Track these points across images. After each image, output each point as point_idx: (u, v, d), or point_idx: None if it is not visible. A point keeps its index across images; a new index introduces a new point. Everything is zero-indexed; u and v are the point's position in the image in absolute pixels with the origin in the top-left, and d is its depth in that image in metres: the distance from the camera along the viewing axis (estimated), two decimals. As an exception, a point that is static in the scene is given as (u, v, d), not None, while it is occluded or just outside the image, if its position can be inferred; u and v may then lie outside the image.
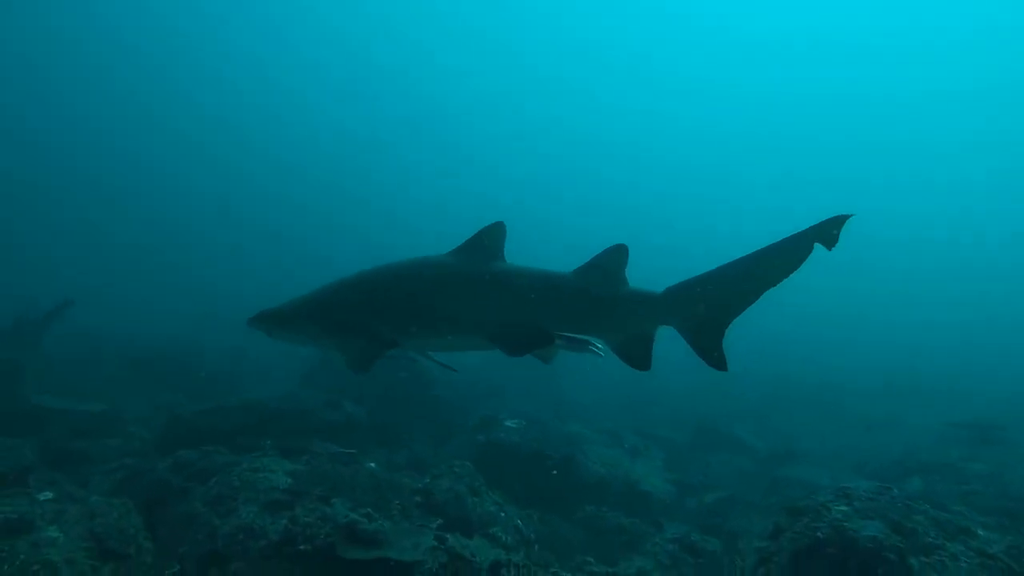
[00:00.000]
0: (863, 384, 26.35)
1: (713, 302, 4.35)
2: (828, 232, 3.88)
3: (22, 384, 12.05)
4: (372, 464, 9.22)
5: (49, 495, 6.14)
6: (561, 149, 75.66)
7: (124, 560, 5.64)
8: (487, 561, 5.22)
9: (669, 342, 4.95)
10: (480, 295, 4.61)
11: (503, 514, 8.34)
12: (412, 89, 67.73)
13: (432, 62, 65.84)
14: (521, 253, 5.02)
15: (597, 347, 4.80)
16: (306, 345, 5.35)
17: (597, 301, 4.59)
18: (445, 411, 13.80)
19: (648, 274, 5.00)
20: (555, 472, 10.19)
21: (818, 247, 4.02)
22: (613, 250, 4.60)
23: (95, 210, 51.65)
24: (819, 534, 5.03)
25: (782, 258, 4.09)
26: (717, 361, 4.36)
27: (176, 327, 22.12)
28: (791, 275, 4.13)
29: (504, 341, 4.43)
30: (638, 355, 4.60)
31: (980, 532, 5.25)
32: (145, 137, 55.94)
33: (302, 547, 6.42)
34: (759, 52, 68.05)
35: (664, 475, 11.93)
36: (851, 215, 3.83)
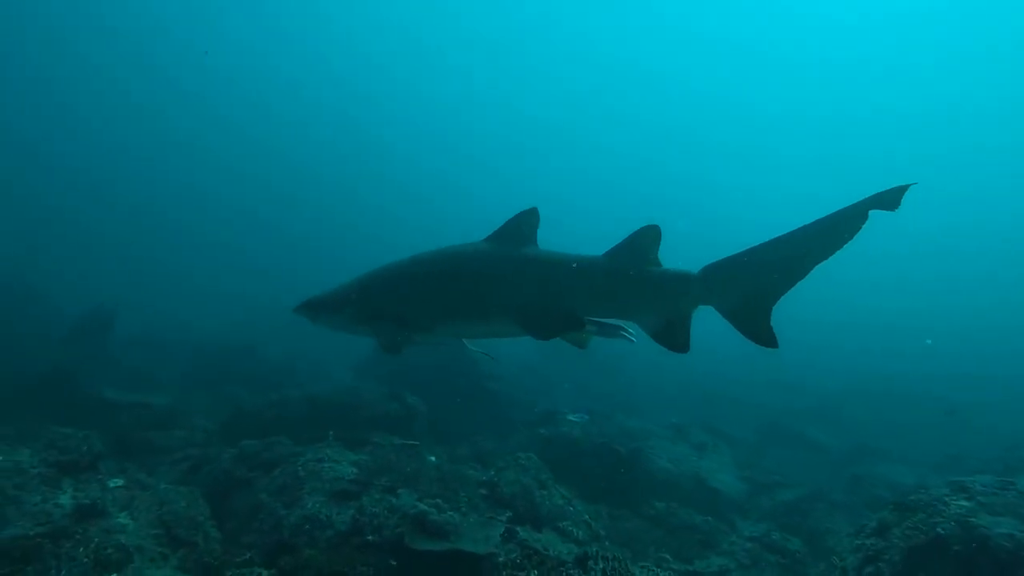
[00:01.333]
0: (940, 374, 25.08)
1: (758, 279, 4.09)
2: (889, 199, 3.62)
3: (92, 379, 12.31)
4: (433, 457, 9.02)
5: (120, 482, 6.11)
6: (582, 153, 74.98)
7: (192, 547, 5.52)
8: (571, 555, 4.88)
9: (727, 337, 4.64)
10: (510, 280, 4.51)
11: (572, 508, 8.01)
12: (432, 95, 67.98)
13: (446, 66, 65.94)
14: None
15: (629, 332, 4.69)
16: (347, 331, 5.24)
17: (628, 282, 4.37)
18: (504, 405, 13.54)
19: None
20: (622, 468, 9.80)
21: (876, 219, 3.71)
22: (644, 230, 4.38)
23: (150, 215, 53.41)
24: (940, 530, 4.54)
25: (835, 230, 3.81)
26: (766, 339, 4.10)
27: (235, 323, 22.48)
28: (842, 248, 3.86)
29: (533, 325, 4.32)
30: (675, 338, 4.35)
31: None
32: (184, 152, 57.66)
33: (370, 537, 6.23)
34: (779, 61, 66.06)
35: (734, 472, 11.41)
36: (914, 183, 3.58)
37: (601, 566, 4.10)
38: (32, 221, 40.93)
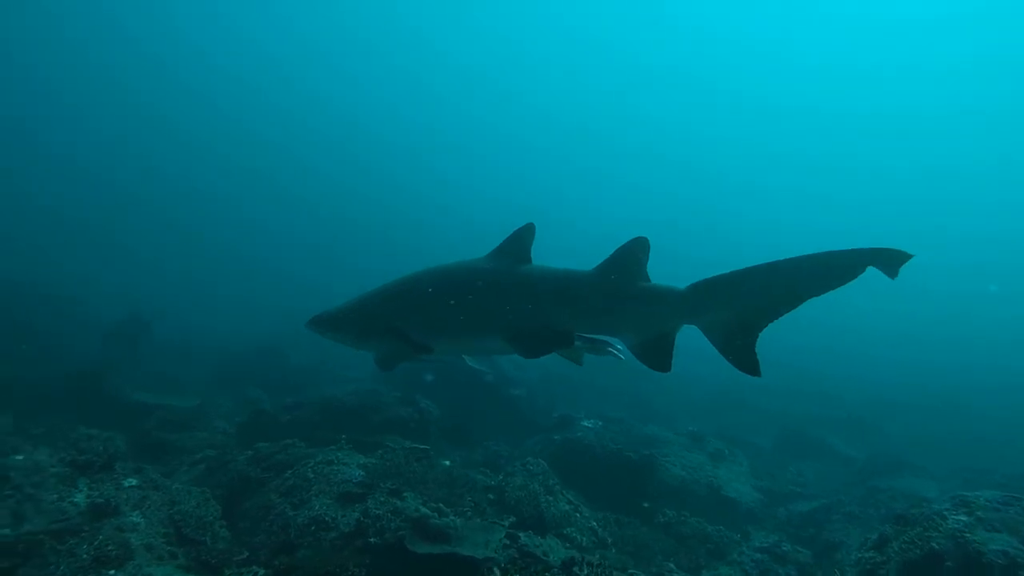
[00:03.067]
0: (978, 386, 24.37)
1: (747, 303, 3.98)
2: (888, 263, 3.55)
3: (121, 382, 12.72)
4: (447, 462, 9.13)
5: (134, 482, 6.32)
6: (595, 152, 74.55)
7: (200, 546, 5.71)
8: (558, 559, 4.93)
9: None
10: (503, 298, 4.49)
11: (578, 515, 8.05)
12: (459, 104, 68.60)
13: (449, 65, 66.18)
14: (552, 256, 4.92)
15: (617, 349, 4.62)
16: (352, 347, 5.34)
17: (615, 298, 4.30)
18: (523, 410, 13.60)
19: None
20: (634, 475, 9.78)
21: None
22: (632, 244, 4.28)
23: (184, 219, 54.87)
24: (934, 545, 4.48)
25: (829, 271, 3.72)
26: (748, 366, 4.01)
27: (263, 329, 22.96)
28: (835, 290, 3.78)
29: (521, 343, 4.29)
30: (656, 357, 4.26)
31: None
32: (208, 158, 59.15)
33: (372, 540, 6.36)
34: (787, 60, 64.94)
35: (750, 482, 11.27)
36: (913, 255, 3.50)
37: (586, 572, 4.14)
38: (70, 232, 42.35)
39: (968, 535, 4.38)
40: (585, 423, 11.27)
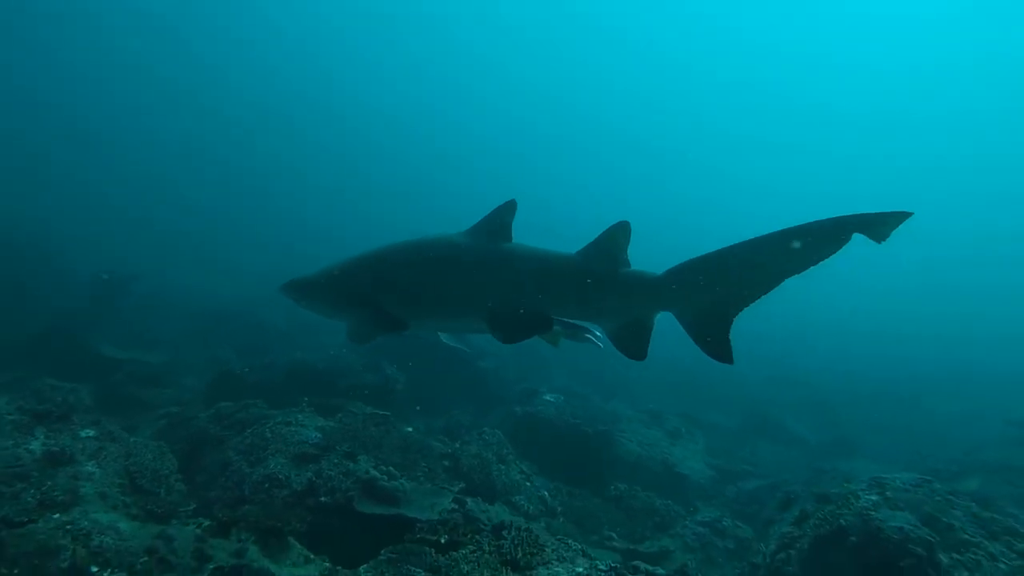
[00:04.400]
0: (940, 379, 25.00)
1: (721, 288, 3.79)
2: (877, 227, 3.24)
3: (94, 335, 12.79)
4: (409, 428, 9.34)
5: (91, 432, 6.47)
6: (582, 145, 74.19)
7: (154, 497, 5.89)
8: (490, 523, 5.17)
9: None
10: (483, 277, 4.36)
11: (529, 484, 8.33)
12: (437, 79, 67.62)
13: (442, 54, 65.65)
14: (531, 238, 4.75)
15: (595, 335, 4.51)
16: (325, 316, 5.20)
17: (594, 283, 4.15)
18: (491, 383, 13.82)
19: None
20: (588, 449, 10.07)
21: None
22: (614, 228, 4.13)
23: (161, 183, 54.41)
24: (842, 521, 4.77)
25: (812, 243, 3.43)
26: (721, 353, 3.85)
27: (242, 290, 22.96)
28: (818, 264, 3.51)
29: (500, 326, 4.18)
30: (632, 343, 4.14)
31: (1031, 535, 4.85)
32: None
33: (323, 499, 6.57)
34: (778, 52, 64.75)
35: (705, 459, 11.64)
36: (911, 214, 3.17)
37: (513, 535, 4.37)
38: (53, 188, 41.75)
39: (873, 513, 4.66)
40: (547, 397, 11.52)
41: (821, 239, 3.42)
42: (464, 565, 3.63)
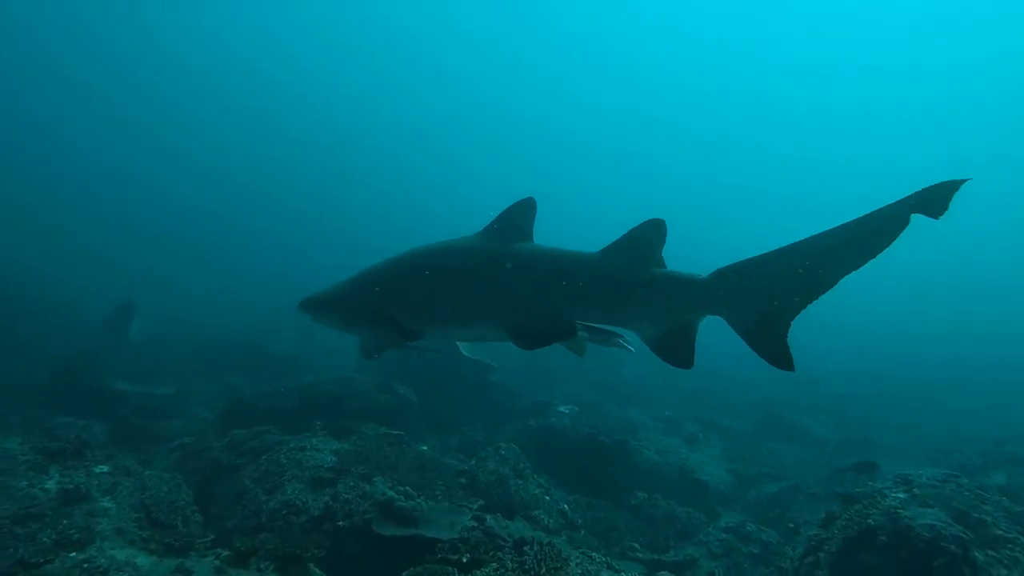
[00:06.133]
0: (956, 377, 24.78)
1: (777, 290, 3.56)
2: (934, 199, 3.11)
3: (103, 371, 12.79)
4: (424, 447, 9.26)
5: (105, 468, 6.43)
6: (580, 153, 73.96)
7: (172, 531, 5.83)
8: (511, 539, 5.09)
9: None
10: (499, 281, 4.12)
11: (548, 497, 8.22)
12: (432, 93, 67.62)
13: (432, 65, 65.71)
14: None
15: (626, 341, 4.25)
16: (342, 331, 5.04)
17: (626, 286, 3.90)
18: (502, 397, 13.74)
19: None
20: (606, 459, 9.97)
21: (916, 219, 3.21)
22: (647, 225, 3.86)
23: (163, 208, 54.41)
24: (870, 521, 4.66)
25: (869, 235, 3.30)
26: (781, 360, 3.62)
27: (246, 319, 22.98)
28: (876, 257, 3.36)
29: (520, 334, 3.95)
30: (677, 350, 3.88)
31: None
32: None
33: (341, 523, 6.50)
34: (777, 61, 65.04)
35: (724, 464, 11.50)
36: (966, 180, 3.08)
37: (536, 550, 4.28)
38: (32, 233, 41.54)
39: (901, 511, 4.55)
40: (561, 408, 11.44)
41: (880, 229, 3.29)
42: (490, 583, 3.56)
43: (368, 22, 60.07)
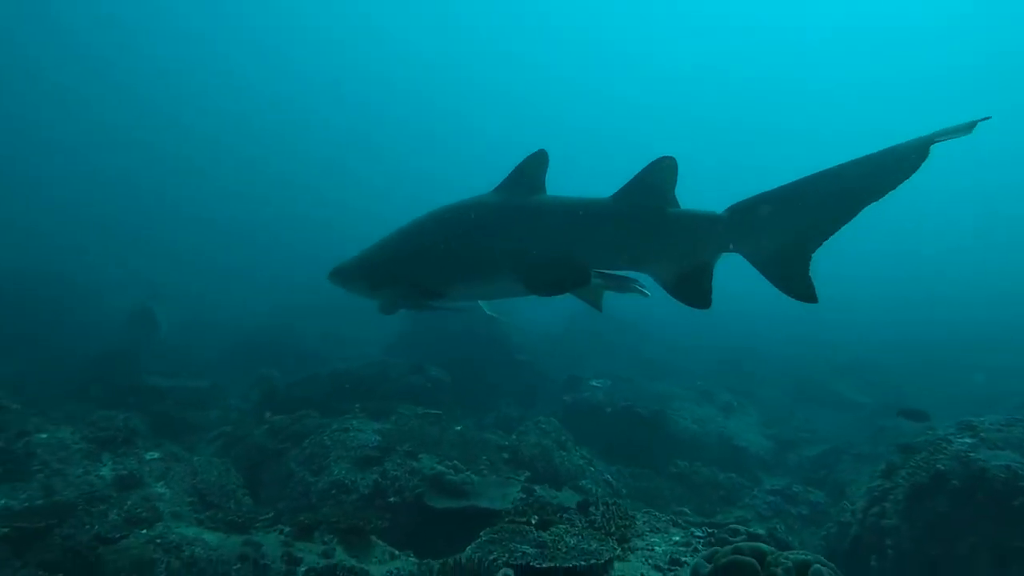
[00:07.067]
0: (982, 337, 24.45)
1: (797, 221, 3.50)
2: (956, 129, 3.09)
3: (136, 366, 12.90)
4: (459, 427, 9.25)
5: (156, 455, 6.47)
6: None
7: (224, 512, 5.85)
8: (573, 501, 5.05)
9: (755, 294, 4.19)
10: (514, 235, 4.12)
11: (592, 468, 8.20)
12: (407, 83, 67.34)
13: (422, 55, 65.14)
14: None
15: (641, 285, 4.18)
16: (369, 297, 4.98)
17: (640, 227, 3.85)
18: (529, 375, 13.72)
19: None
20: (644, 430, 9.93)
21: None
22: (657, 163, 3.78)
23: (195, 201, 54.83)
24: (940, 466, 4.57)
25: (890, 166, 3.25)
26: (803, 293, 3.54)
27: (273, 307, 23.01)
28: (896, 187, 3.30)
29: (535, 283, 3.95)
30: (694, 292, 3.78)
31: None
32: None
33: (392, 499, 6.51)
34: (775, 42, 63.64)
35: (761, 431, 11.43)
36: (987, 117, 3.03)
37: (601, 510, 4.25)
38: (71, 221, 42.16)
39: (972, 454, 4.46)
40: (594, 383, 11.38)
41: (899, 160, 3.23)
42: (569, 539, 3.51)
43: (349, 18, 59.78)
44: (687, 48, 66.62)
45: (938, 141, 3.14)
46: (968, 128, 3.05)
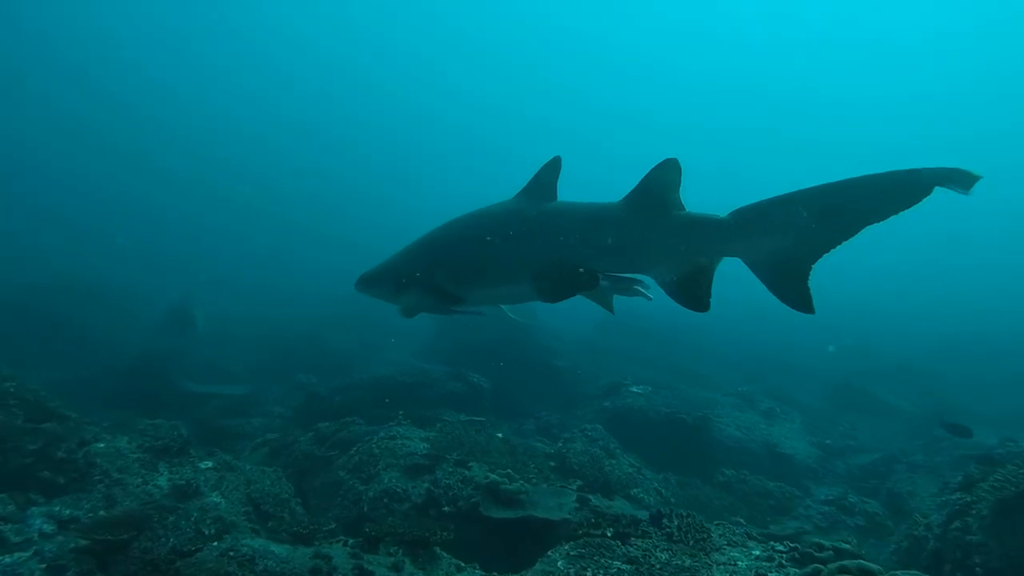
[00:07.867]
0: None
1: (797, 231, 3.50)
2: (960, 180, 3.09)
3: (172, 374, 12.99)
4: (500, 434, 9.17)
5: (209, 464, 6.44)
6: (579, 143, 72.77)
7: (280, 522, 5.82)
8: (644, 515, 4.92)
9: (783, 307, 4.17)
10: (527, 241, 4.18)
11: (641, 476, 8.07)
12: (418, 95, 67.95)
13: (425, 65, 65.59)
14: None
15: (645, 287, 4.21)
16: (392, 303, 5.09)
17: (643, 230, 3.89)
18: (568, 381, 13.60)
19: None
20: (690, 437, 9.76)
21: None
22: (661, 167, 3.81)
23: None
24: (1029, 480, 4.37)
25: (893, 192, 3.26)
26: (800, 302, 3.56)
27: (298, 317, 23.12)
28: (897, 215, 3.31)
29: (543, 288, 4.02)
30: (693, 294, 3.79)
31: None
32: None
33: (446, 508, 6.43)
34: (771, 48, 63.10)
35: (805, 438, 11.19)
36: (982, 176, 3.06)
37: (676, 523, 4.12)
38: (96, 237, 42.61)
39: (1068, 468, 4.28)
40: (634, 389, 11.23)
41: (903, 189, 3.22)
42: (660, 554, 3.40)
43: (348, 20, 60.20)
44: (691, 57, 66.76)
45: (941, 185, 3.13)
46: (967, 186, 3.06)
